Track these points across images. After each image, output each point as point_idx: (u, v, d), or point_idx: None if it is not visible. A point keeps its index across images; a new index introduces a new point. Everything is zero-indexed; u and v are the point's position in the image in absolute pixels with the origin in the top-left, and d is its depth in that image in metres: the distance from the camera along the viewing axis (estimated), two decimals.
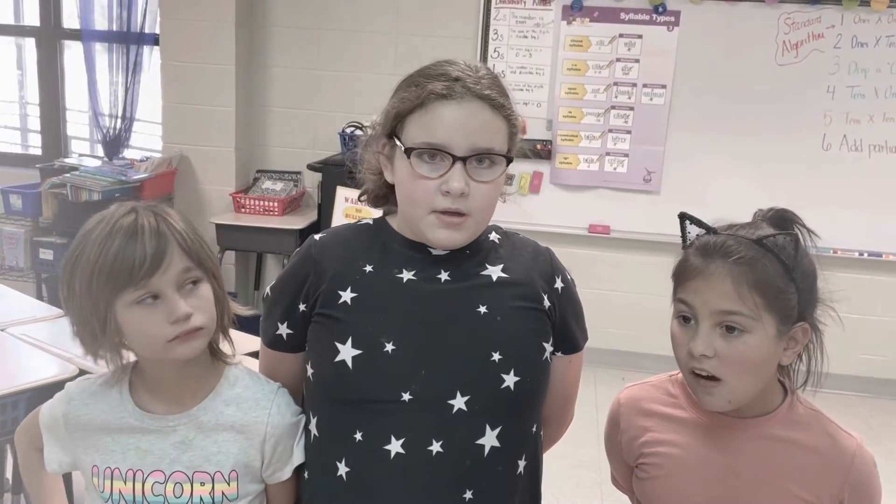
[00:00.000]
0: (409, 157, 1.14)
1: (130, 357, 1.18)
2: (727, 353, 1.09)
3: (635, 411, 1.25)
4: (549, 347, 1.22)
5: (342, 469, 1.15)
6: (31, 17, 4.74)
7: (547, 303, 1.22)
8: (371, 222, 1.29)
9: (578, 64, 4.07)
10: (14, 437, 1.36)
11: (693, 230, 1.17)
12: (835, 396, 1.35)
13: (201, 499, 1.18)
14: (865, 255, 4.01)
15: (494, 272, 1.21)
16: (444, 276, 1.19)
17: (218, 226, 4.06)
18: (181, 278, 1.10)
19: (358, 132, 4.05)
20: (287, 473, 1.24)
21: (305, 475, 1.23)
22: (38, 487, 1.34)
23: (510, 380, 1.14)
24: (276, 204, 4.16)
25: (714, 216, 1.20)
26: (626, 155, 4.10)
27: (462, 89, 1.14)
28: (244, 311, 1.24)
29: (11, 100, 5.01)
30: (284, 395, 1.24)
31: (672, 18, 3.95)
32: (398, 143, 1.16)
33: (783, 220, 1.17)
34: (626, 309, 4.23)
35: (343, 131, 4.10)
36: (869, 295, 3.98)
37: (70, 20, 4.64)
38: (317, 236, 1.27)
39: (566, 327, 1.26)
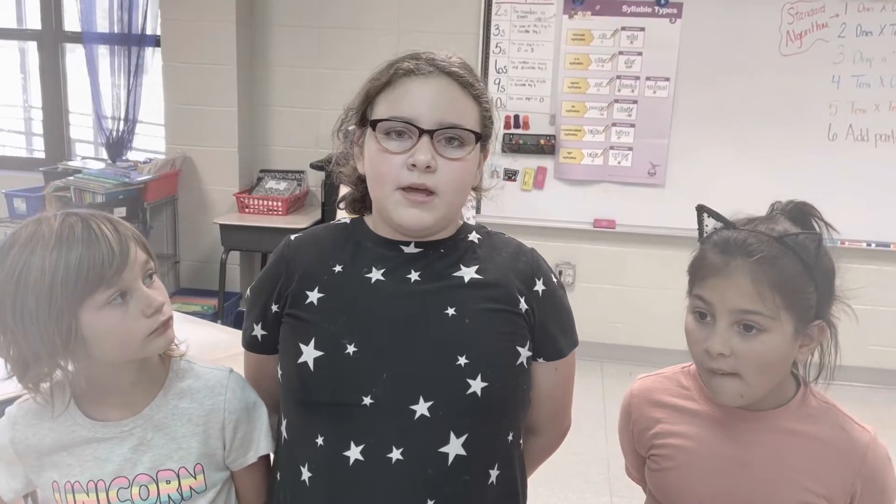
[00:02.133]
0: (374, 131, 1.12)
1: (57, 375, 1.10)
2: (744, 352, 1.08)
3: (647, 402, 1.24)
4: (524, 352, 1.16)
5: (305, 474, 1.12)
6: (33, 21, 4.74)
7: (523, 305, 1.17)
8: (349, 221, 1.26)
9: (581, 58, 4.04)
10: None
11: (710, 223, 1.15)
12: (847, 388, 1.34)
13: (169, 497, 1.16)
14: (873, 245, 3.98)
15: (468, 273, 1.16)
16: (414, 276, 1.15)
17: (222, 226, 4.06)
18: (143, 271, 1.10)
19: (351, 127, 4.03)
20: (251, 459, 1.23)
21: (278, 476, 1.20)
22: None
23: (476, 385, 1.09)
24: (279, 203, 4.16)
25: (719, 208, 1.17)
26: (631, 149, 4.08)
27: (429, 66, 1.12)
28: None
29: (15, 104, 5.01)
30: (236, 378, 1.23)
31: (674, 11, 3.93)
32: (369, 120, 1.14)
33: (802, 215, 1.15)
34: (633, 303, 4.22)
35: (337, 126, 4.07)
36: (878, 285, 3.95)
37: (71, 23, 4.63)
38: (293, 236, 1.25)
39: (547, 332, 1.20)
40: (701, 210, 1.16)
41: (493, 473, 1.14)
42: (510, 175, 4.12)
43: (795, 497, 1.12)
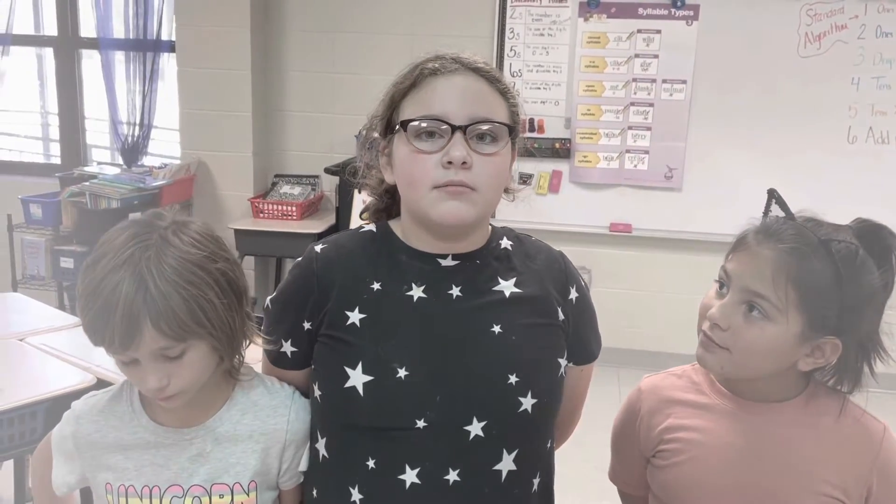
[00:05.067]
0: (405, 132, 1.09)
1: None
2: (740, 332, 1.09)
3: (656, 399, 1.23)
4: (563, 363, 1.17)
5: (356, 495, 1.10)
6: (50, 28, 4.77)
7: (561, 316, 1.17)
8: (374, 230, 1.21)
9: (596, 61, 4.01)
10: (30, 465, 1.34)
11: (775, 210, 1.13)
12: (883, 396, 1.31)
13: None
14: None
15: (507, 287, 1.15)
16: (455, 291, 1.13)
17: (237, 231, 4.06)
18: (156, 353, 1.04)
19: (375, 134, 4.02)
20: (299, 479, 1.22)
21: (314, 493, 1.18)
22: None
23: (528, 402, 1.09)
24: (294, 208, 4.15)
25: (736, 212, 1.18)
26: (647, 152, 4.04)
27: (453, 63, 1.10)
28: (266, 345, 1.18)
29: (32, 110, 5.04)
30: (300, 400, 1.21)
31: (691, 12, 3.89)
32: (396, 125, 1.11)
33: (870, 234, 1.11)
34: (649, 308, 4.17)
35: (360, 134, 4.07)
36: None
37: (87, 30, 4.66)
38: (318, 248, 1.19)
39: (580, 337, 1.21)
40: (771, 194, 1.14)
41: (536, 482, 1.15)
42: (525, 179, 4.09)
43: (810, 489, 1.10)
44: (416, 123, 1.08)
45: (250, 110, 4.27)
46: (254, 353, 1.21)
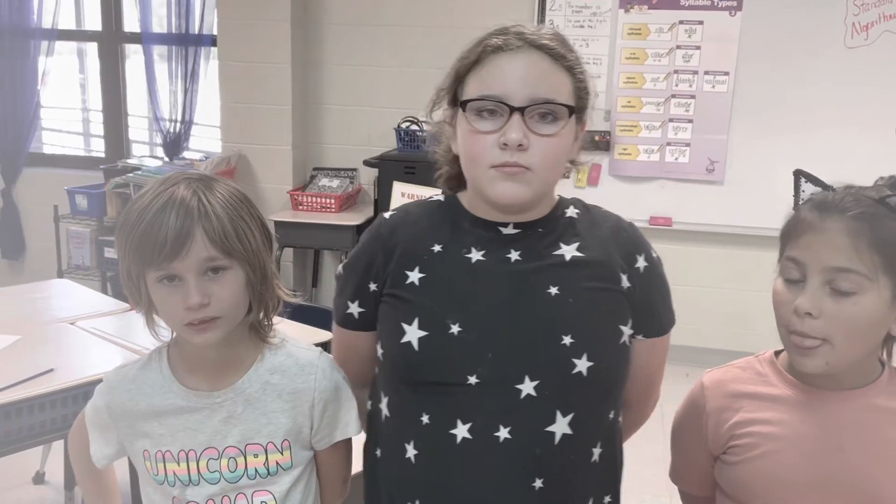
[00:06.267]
0: (464, 112, 1.10)
1: (161, 332, 1.16)
2: (835, 314, 1.02)
3: (722, 394, 1.18)
4: (627, 331, 1.15)
5: (410, 451, 1.13)
6: (92, 23, 4.85)
7: (626, 283, 1.15)
8: (442, 199, 1.24)
9: (637, 52, 3.98)
10: (67, 444, 1.35)
11: (808, 189, 1.10)
12: None
13: (256, 471, 1.16)
14: None
15: (569, 251, 1.15)
16: (514, 255, 1.14)
17: (276, 223, 4.09)
18: (202, 266, 1.07)
19: (414, 127, 4.04)
20: (336, 437, 1.23)
21: (378, 453, 1.21)
22: (92, 491, 1.34)
23: (582, 365, 1.08)
24: (332, 201, 4.18)
25: (780, 206, 1.13)
26: (688, 144, 4.00)
27: (517, 40, 1.09)
28: (290, 296, 1.21)
29: (74, 105, 5.14)
30: (327, 359, 1.23)
31: (734, 3, 3.84)
32: (460, 100, 1.13)
33: None
34: (690, 303, 4.10)
35: (399, 126, 4.09)
36: None
37: (130, 25, 4.73)
38: (386, 214, 1.24)
39: (649, 309, 1.18)
40: (798, 175, 1.11)
41: (596, 451, 1.14)
42: (563, 172, 4.05)
43: None
44: (475, 103, 1.10)
45: (290, 104, 4.30)
46: (284, 327, 1.24)
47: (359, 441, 1.28)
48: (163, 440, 1.16)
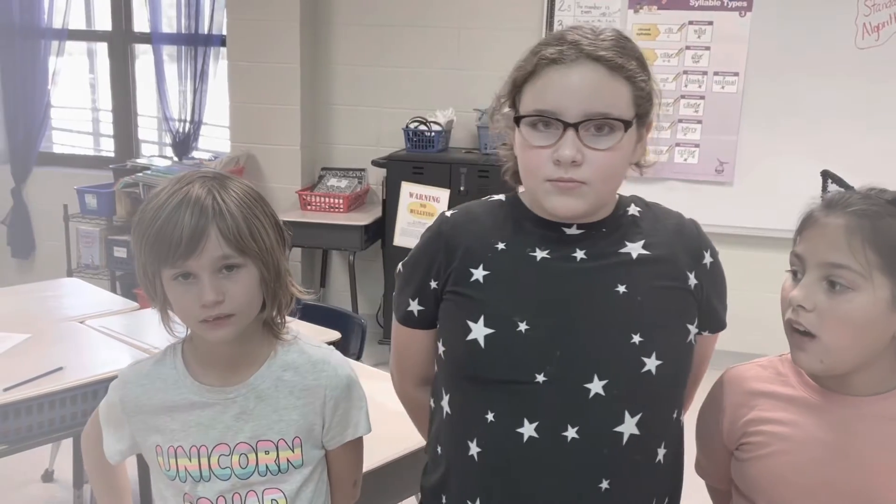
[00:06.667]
0: (518, 127, 1.10)
1: (175, 328, 1.17)
2: (827, 309, 1.02)
3: (740, 390, 1.18)
4: (693, 329, 1.14)
5: (474, 449, 1.12)
6: (101, 23, 4.87)
7: (693, 280, 1.14)
8: (503, 199, 1.24)
9: (646, 53, 3.88)
10: (81, 442, 1.36)
11: (833, 189, 1.10)
12: None
13: (267, 468, 1.17)
14: None
15: (635, 249, 1.13)
16: (580, 254, 1.13)
17: (284, 223, 4.08)
18: (217, 264, 1.08)
19: (422, 127, 4.04)
20: (348, 436, 1.23)
21: (438, 450, 1.21)
22: (104, 488, 1.34)
23: (651, 364, 1.07)
24: (341, 201, 4.18)
25: (791, 207, 1.13)
26: (697, 145, 3.98)
27: (573, 52, 1.06)
28: (303, 294, 1.22)
29: (84, 105, 5.16)
30: (339, 357, 1.24)
31: (744, 3, 3.82)
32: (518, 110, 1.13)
33: None
34: None
35: (407, 127, 4.09)
36: None
37: (140, 25, 4.75)
38: (448, 213, 1.24)
39: (712, 305, 1.18)
40: (826, 175, 1.11)
41: (661, 452, 1.13)
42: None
43: None
44: (529, 118, 1.09)
45: (299, 104, 4.31)
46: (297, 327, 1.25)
47: (369, 441, 1.29)
48: (175, 435, 1.17)
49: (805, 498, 1.09)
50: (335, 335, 2.26)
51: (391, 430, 1.44)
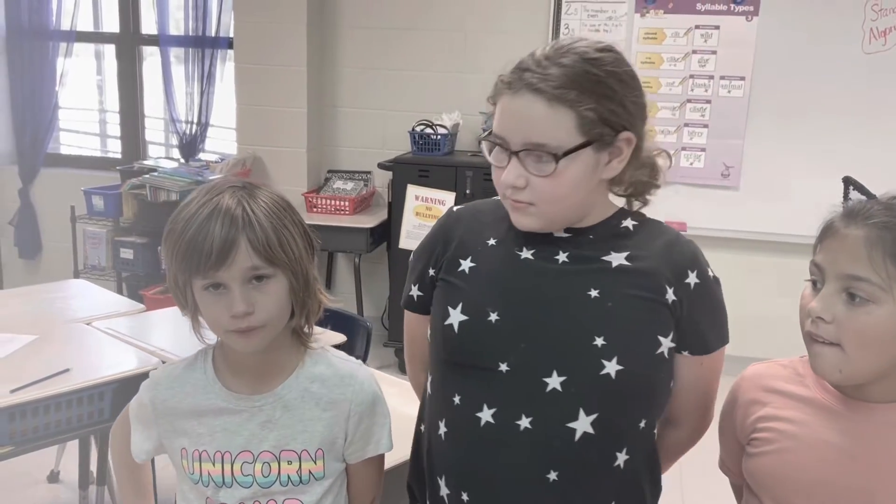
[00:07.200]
0: (480, 145, 1.18)
1: (206, 335, 1.19)
2: (846, 322, 1.02)
3: (757, 387, 1.19)
4: (666, 342, 1.15)
5: (442, 428, 1.19)
6: (109, 25, 4.88)
7: (671, 296, 1.15)
8: None
9: (653, 57, 3.97)
10: (109, 437, 1.38)
11: (855, 196, 1.09)
12: None
13: (289, 478, 1.17)
14: None
15: (616, 259, 1.17)
16: (562, 256, 1.18)
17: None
18: (246, 274, 1.09)
19: (428, 130, 4.04)
20: (369, 452, 1.24)
21: (422, 428, 1.28)
22: (128, 485, 1.36)
23: (611, 367, 1.10)
24: (347, 203, 4.19)
25: (796, 212, 1.13)
26: (703, 149, 3.98)
27: (519, 82, 1.11)
28: (332, 302, 1.23)
29: (92, 106, 5.17)
30: (366, 371, 1.25)
31: (751, 8, 3.82)
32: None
33: None
34: None
35: (413, 129, 4.09)
36: None
37: (148, 27, 4.77)
38: (455, 207, 1.32)
39: (695, 326, 1.18)
40: (847, 182, 1.11)
41: (621, 457, 1.15)
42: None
43: None
44: (486, 140, 1.17)
45: (305, 106, 4.32)
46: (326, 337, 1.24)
47: (391, 458, 1.31)
48: (201, 439, 1.18)
49: (807, 496, 1.09)
50: (341, 338, 2.27)
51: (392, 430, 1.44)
